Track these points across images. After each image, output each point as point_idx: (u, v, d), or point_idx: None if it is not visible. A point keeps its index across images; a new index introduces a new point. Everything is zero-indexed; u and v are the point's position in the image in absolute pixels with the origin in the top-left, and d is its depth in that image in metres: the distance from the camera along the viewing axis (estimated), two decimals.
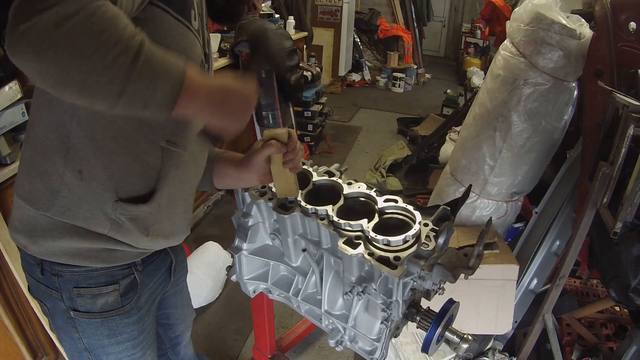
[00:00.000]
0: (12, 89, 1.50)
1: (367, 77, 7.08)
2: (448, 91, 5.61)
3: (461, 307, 1.08)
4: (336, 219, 1.03)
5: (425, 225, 1.03)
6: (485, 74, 3.21)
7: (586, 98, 1.87)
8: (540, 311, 1.86)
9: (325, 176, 1.19)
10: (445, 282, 1.06)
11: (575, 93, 2.08)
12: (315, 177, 1.18)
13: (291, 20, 4.31)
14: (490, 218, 1.08)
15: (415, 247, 0.98)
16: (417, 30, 7.68)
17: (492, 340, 2.07)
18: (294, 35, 4.21)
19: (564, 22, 1.91)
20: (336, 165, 1.29)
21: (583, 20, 1.96)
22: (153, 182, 0.91)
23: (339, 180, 1.17)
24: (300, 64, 3.67)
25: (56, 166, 0.83)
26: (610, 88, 1.59)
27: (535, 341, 1.93)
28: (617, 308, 2.14)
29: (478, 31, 7.66)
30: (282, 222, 1.15)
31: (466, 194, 1.11)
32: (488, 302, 1.95)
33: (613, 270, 1.56)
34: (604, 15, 1.76)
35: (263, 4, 3.88)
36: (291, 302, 1.28)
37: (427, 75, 7.61)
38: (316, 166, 1.25)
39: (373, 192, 1.12)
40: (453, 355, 1.92)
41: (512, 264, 1.94)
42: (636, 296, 1.49)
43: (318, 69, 4.31)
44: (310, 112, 4.22)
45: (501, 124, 2.11)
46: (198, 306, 2.33)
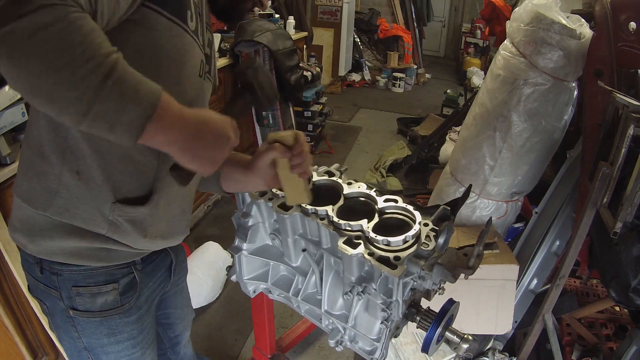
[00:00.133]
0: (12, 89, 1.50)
1: (367, 77, 7.08)
2: (448, 91, 5.61)
3: (461, 307, 1.08)
4: (336, 220, 1.03)
5: (425, 225, 1.03)
6: (485, 74, 3.21)
7: (586, 98, 1.87)
8: (540, 311, 1.86)
9: (325, 176, 1.20)
10: (445, 282, 1.06)
11: (575, 93, 2.08)
12: (315, 177, 1.18)
13: (291, 20, 4.32)
14: (490, 218, 1.08)
15: (415, 247, 0.98)
16: (417, 30, 7.69)
17: (492, 340, 2.07)
18: (294, 35, 4.21)
19: (564, 22, 1.91)
20: (336, 165, 1.29)
21: (583, 20, 1.96)
22: (150, 184, 0.90)
23: (339, 180, 1.17)
24: (300, 64, 3.67)
25: (53, 166, 0.83)
26: (610, 88, 1.59)
27: (535, 341, 1.93)
28: (617, 308, 2.14)
29: (478, 31, 7.66)
30: (282, 222, 1.15)
31: (466, 194, 1.11)
32: (488, 302, 1.95)
33: (613, 270, 1.56)
34: (604, 15, 1.76)
35: None
36: (291, 302, 1.28)
37: (427, 75, 7.61)
38: (316, 166, 1.25)
39: (373, 192, 1.12)
40: (453, 355, 1.92)
41: (512, 264, 1.94)
42: (636, 296, 1.49)
43: (318, 69, 4.31)
44: (310, 112, 4.22)
45: (501, 124, 2.11)
46: (198, 306, 2.33)
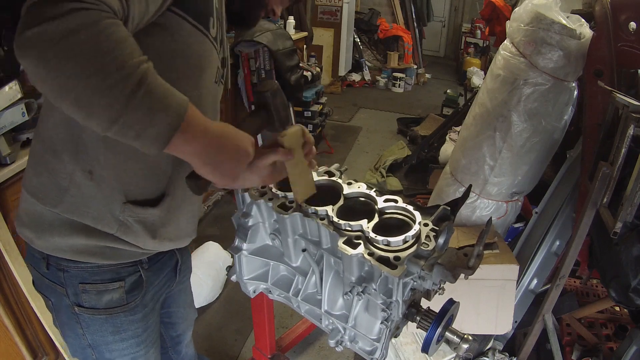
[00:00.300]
0: (12, 89, 1.50)
1: (367, 77, 7.07)
2: (448, 91, 5.61)
3: (461, 307, 1.08)
4: (336, 220, 1.03)
5: (425, 225, 1.03)
6: (485, 74, 3.21)
7: (586, 98, 1.87)
8: (540, 311, 1.86)
9: (325, 176, 1.19)
10: (445, 282, 1.06)
11: (575, 93, 2.08)
12: (315, 177, 1.18)
13: (291, 20, 4.31)
14: (490, 218, 1.08)
15: (415, 247, 0.98)
16: (417, 30, 7.68)
17: (492, 340, 2.07)
18: (294, 35, 4.21)
19: (564, 22, 1.91)
20: (336, 165, 1.29)
21: (583, 20, 1.96)
22: (163, 186, 0.90)
23: (339, 180, 1.17)
24: (300, 64, 3.67)
25: (65, 164, 0.82)
26: (610, 88, 1.59)
27: (535, 341, 1.93)
28: (617, 308, 2.14)
29: (478, 31, 7.66)
30: (282, 222, 1.15)
31: (466, 194, 1.11)
32: (488, 302, 1.95)
33: (613, 270, 1.56)
34: (604, 15, 1.76)
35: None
36: (291, 302, 1.28)
37: (427, 75, 7.61)
38: (316, 166, 1.25)
39: (373, 192, 1.12)
40: (453, 355, 1.92)
41: (512, 264, 1.94)
42: (636, 296, 1.49)
43: (318, 69, 4.30)
44: (310, 112, 4.22)
45: (501, 124, 2.11)
46: (198, 306, 2.33)
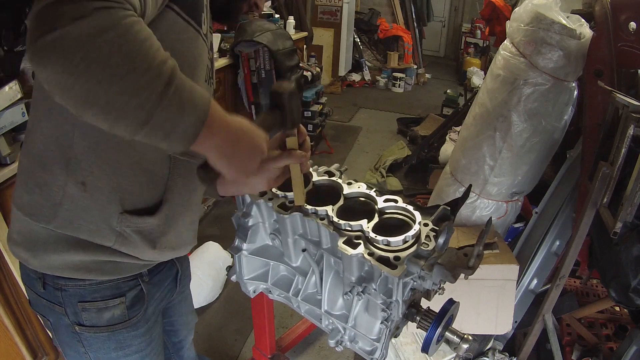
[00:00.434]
0: (12, 89, 1.50)
1: (367, 77, 7.07)
2: (448, 91, 5.61)
3: (461, 307, 1.08)
4: (336, 220, 1.03)
5: (425, 225, 1.03)
6: (485, 74, 3.21)
7: (586, 98, 1.87)
8: (540, 311, 1.86)
9: (325, 176, 1.19)
10: (445, 282, 1.06)
11: (575, 93, 2.08)
12: (315, 177, 1.18)
13: (291, 20, 4.31)
14: (490, 218, 1.08)
15: (415, 247, 0.98)
16: (417, 30, 7.68)
17: (492, 340, 2.07)
18: (294, 35, 4.21)
19: (564, 22, 1.91)
20: (336, 165, 1.29)
21: (583, 20, 1.96)
22: (160, 193, 0.87)
23: (339, 180, 1.17)
24: (300, 64, 3.67)
25: (57, 177, 0.79)
26: (610, 88, 1.59)
27: (535, 341, 1.93)
28: (617, 308, 2.14)
29: (478, 31, 7.66)
30: (282, 222, 1.14)
31: (466, 194, 1.10)
32: (488, 302, 1.95)
33: (613, 270, 1.56)
34: (604, 15, 1.76)
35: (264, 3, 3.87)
36: (291, 302, 1.28)
37: (427, 75, 7.61)
38: (316, 166, 1.25)
39: (373, 192, 1.12)
40: (453, 355, 1.92)
41: (512, 264, 1.94)
42: (636, 296, 1.49)
43: (318, 69, 4.30)
44: (310, 112, 4.22)
45: (501, 124, 2.11)
46: (198, 306, 2.33)
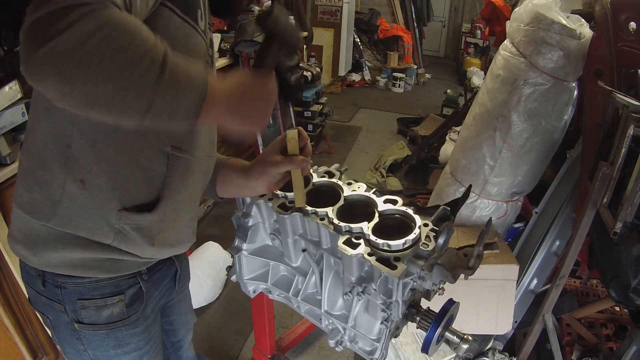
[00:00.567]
0: (12, 89, 1.50)
1: (367, 77, 7.07)
2: (448, 91, 5.60)
3: (461, 307, 1.08)
4: (336, 222, 1.03)
5: (425, 225, 1.03)
6: (485, 74, 3.21)
7: (586, 98, 1.87)
8: (540, 311, 1.86)
9: (325, 176, 1.19)
10: (445, 282, 1.06)
11: (575, 93, 2.08)
12: (315, 178, 1.18)
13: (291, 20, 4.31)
14: (490, 218, 1.08)
15: (415, 248, 0.98)
16: (417, 30, 7.68)
17: (492, 340, 2.07)
18: None
19: (564, 22, 1.91)
20: (336, 165, 1.29)
21: (583, 20, 1.96)
22: (158, 190, 0.87)
23: (339, 181, 1.17)
24: (300, 64, 3.67)
25: (56, 175, 0.80)
26: (610, 88, 1.59)
27: (535, 341, 1.93)
28: (617, 308, 2.14)
29: (478, 31, 7.65)
30: (282, 223, 1.15)
31: (466, 194, 1.10)
32: (488, 302, 1.95)
33: (613, 270, 1.56)
34: (604, 15, 1.76)
35: (264, 2, 3.87)
36: (291, 302, 1.28)
37: (427, 75, 7.61)
38: (316, 166, 1.25)
39: (373, 193, 1.12)
40: (453, 355, 1.92)
41: (512, 264, 1.94)
42: (636, 296, 1.49)
43: (318, 69, 4.30)
44: (310, 112, 4.22)
45: (501, 124, 2.11)
46: (198, 306, 2.33)
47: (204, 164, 0.98)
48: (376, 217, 1.05)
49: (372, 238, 0.98)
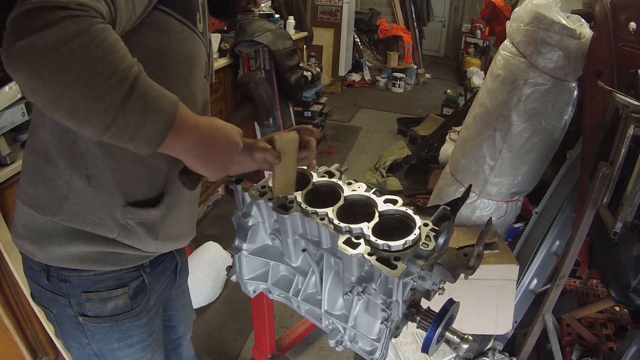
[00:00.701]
0: (12, 89, 1.50)
1: (367, 77, 7.07)
2: (448, 91, 5.61)
3: (461, 307, 1.08)
4: (336, 222, 1.03)
5: (425, 225, 1.03)
6: (485, 74, 3.21)
7: (586, 98, 1.87)
8: (540, 311, 1.86)
9: (325, 176, 1.19)
10: (445, 282, 1.06)
11: (575, 93, 2.08)
12: (315, 178, 1.18)
13: (291, 20, 4.31)
14: (490, 218, 1.08)
15: (415, 248, 0.98)
16: (417, 30, 7.68)
17: (492, 340, 2.07)
18: (294, 35, 4.20)
19: (564, 22, 1.91)
20: (336, 165, 1.29)
21: (583, 20, 1.96)
22: (161, 185, 0.90)
23: (339, 181, 1.17)
24: (300, 64, 3.67)
25: (62, 172, 0.82)
26: (610, 88, 1.59)
27: (535, 341, 1.93)
28: (617, 308, 2.14)
29: (478, 31, 7.66)
30: (282, 222, 1.14)
31: (466, 194, 1.10)
32: (488, 302, 1.95)
33: (613, 270, 1.56)
34: (604, 15, 1.76)
35: (263, 4, 3.87)
36: (291, 302, 1.28)
37: (427, 75, 7.61)
38: (316, 166, 1.25)
39: (373, 193, 1.12)
40: (453, 355, 1.92)
41: (512, 264, 1.94)
42: (636, 296, 1.49)
43: (318, 69, 4.31)
44: (310, 112, 4.22)
45: (501, 124, 2.11)
46: (198, 306, 2.33)
47: None
48: (376, 217, 1.05)
49: (372, 239, 0.98)
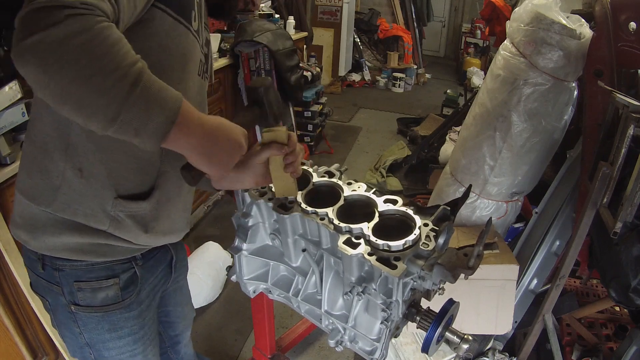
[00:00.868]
0: (12, 89, 1.50)
1: (367, 77, 7.07)
2: (448, 91, 5.61)
3: (461, 307, 1.08)
4: (336, 222, 1.03)
5: (425, 225, 1.03)
6: (485, 74, 3.21)
7: (586, 98, 1.87)
8: (540, 311, 1.86)
9: (325, 176, 1.19)
10: (445, 282, 1.06)
11: (575, 93, 2.08)
12: (315, 178, 1.18)
13: (291, 20, 4.31)
14: (490, 218, 1.08)
15: (415, 247, 0.98)
16: (417, 30, 7.68)
17: (492, 340, 2.07)
18: (294, 35, 4.20)
19: (564, 22, 1.91)
20: (336, 165, 1.29)
21: (583, 20, 1.96)
22: (152, 179, 0.91)
23: (339, 181, 1.17)
24: (300, 64, 3.67)
25: (57, 163, 0.84)
26: (610, 88, 1.59)
27: (535, 341, 1.93)
28: (617, 308, 2.14)
29: (478, 31, 7.66)
30: (282, 222, 1.15)
31: (466, 194, 1.11)
32: (488, 302, 1.95)
33: (613, 270, 1.56)
34: (604, 15, 1.76)
35: (262, 4, 3.87)
36: (291, 302, 1.28)
37: (427, 75, 7.61)
38: (316, 166, 1.25)
39: (373, 193, 1.12)
40: (453, 355, 1.92)
41: (512, 264, 1.94)
42: (636, 296, 1.49)
43: (318, 69, 4.30)
44: (310, 112, 4.22)
45: (501, 124, 2.11)
46: (198, 306, 2.33)
47: None
48: (376, 217, 1.05)
49: (372, 239, 0.98)
